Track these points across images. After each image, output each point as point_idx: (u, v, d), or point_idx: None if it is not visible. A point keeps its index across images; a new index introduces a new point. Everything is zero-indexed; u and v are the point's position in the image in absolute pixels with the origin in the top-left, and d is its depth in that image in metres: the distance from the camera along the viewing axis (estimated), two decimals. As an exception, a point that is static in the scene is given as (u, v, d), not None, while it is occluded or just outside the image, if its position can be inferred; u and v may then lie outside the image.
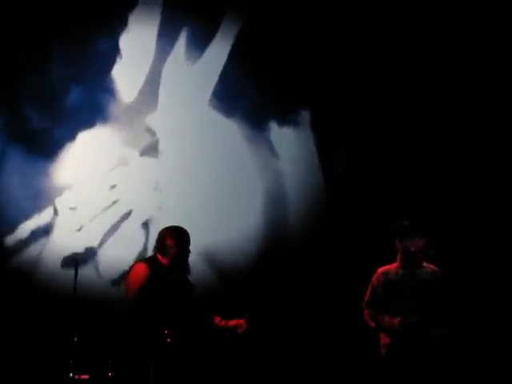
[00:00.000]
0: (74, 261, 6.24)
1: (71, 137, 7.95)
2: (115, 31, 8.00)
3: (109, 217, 8.08)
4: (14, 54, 7.68)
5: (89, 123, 8.02)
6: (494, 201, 7.96)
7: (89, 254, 7.86)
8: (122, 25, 8.05)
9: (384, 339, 6.23)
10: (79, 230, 7.95)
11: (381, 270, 6.34)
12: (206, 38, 8.32)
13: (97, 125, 8.04)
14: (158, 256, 6.14)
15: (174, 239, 6.11)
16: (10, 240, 7.73)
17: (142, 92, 8.23)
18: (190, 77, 8.34)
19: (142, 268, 5.94)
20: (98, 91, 8.05)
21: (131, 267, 6.02)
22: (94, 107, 8.02)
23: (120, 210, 8.14)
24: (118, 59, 8.07)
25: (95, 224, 8.02)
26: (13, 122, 7.83)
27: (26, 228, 7.81)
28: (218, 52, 8.35)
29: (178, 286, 6.02)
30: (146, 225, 8.16)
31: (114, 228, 8.05)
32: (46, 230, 7.82)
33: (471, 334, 7.38)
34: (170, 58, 8.31)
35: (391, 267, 6.32)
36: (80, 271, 6.28)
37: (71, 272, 6.29)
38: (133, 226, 8.13)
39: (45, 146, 7.84)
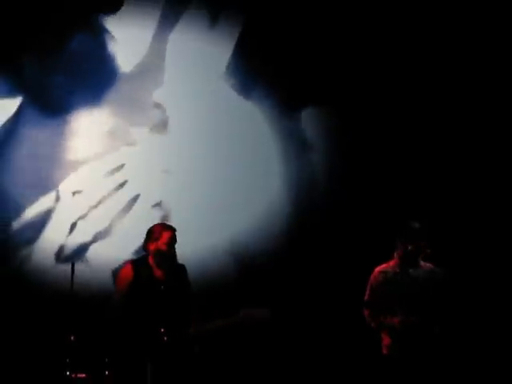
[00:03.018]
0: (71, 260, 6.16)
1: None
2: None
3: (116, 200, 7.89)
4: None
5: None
6: (495, 201, 7.90)
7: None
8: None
9: (385, 340, 6.15)
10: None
11: (378, 268, 6.26)
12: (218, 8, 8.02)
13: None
14: (146, 255, 6.16)
15: (156, 236, 6.09)
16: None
17: (146, 66, 7.93)
18: (199, 51, 7.99)
19: (126, 269, 6.09)
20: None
21: None
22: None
23: (128, 193, 7.92)
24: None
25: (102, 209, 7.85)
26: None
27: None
28: (232, 24, 8.05)
29: (165, 285, 6.01)
30: (157, 206, 7.95)
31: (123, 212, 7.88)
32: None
33: (471, 332, 7.38)
34: (177, 29, 7.99)
35: (388, 265, 6.24)
36: (77, 267, 6.18)
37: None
38: (141, 211, 7.91)
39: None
